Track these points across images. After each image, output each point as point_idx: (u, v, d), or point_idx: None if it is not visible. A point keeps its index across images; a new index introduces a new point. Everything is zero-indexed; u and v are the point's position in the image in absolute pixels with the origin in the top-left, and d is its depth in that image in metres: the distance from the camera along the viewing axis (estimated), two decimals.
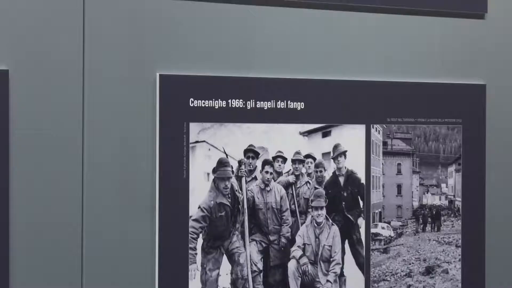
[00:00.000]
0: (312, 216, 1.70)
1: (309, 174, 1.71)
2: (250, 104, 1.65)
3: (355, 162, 1.75)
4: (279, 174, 1.68)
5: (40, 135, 1.57)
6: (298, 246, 1.69)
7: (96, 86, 1.56)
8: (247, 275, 1.65)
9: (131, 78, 1.58)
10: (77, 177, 1.56)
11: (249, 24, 1.68)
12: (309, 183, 1.71)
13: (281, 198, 1.69)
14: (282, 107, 1.68)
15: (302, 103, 1.70)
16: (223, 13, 1.66)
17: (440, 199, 1.85)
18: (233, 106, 1.63)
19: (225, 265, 1.63)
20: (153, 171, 1.59)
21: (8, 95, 1.52)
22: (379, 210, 1.79)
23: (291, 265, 1.69)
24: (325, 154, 1.73)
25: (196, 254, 1.60)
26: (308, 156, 1.70)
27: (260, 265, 1.66)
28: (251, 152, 1.65)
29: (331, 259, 1.72)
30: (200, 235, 1.61)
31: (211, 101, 1.62)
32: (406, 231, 1.81)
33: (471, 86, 1.89)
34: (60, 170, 1.57)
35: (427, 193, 1.84)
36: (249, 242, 1.66)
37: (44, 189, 1.55)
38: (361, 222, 1.76)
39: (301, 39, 1.73)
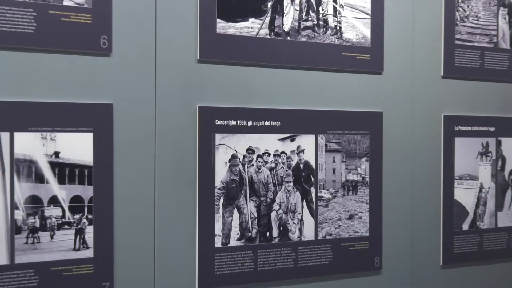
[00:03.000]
0: (284, 186, 1.73)
1: (283, 163, 1.73)
2: (249, 123, 1.69)
3: (309, 156, 1.77)
4: (266, 162, 1.71)
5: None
6: (277, 203, 1.73)
7: (166, 112, 1.57)
8: (248, 220, 1.69)
9: (185, 108, 1.60)
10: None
11: (250, 80, 1.69)
12: (283, 168, 1.74)
13: (267, 176, 1.71)
14: (268, 124, 1.71)
15: (279, 122, 1.72)
16: (237, 71, 1.67)
17: (357, 177, 1.85)
18: (240, 124, 1.67)
19: (235, 214, 1.67)
20: (195, 161, 1.61)
21: (113, 125, 1.51)
22: (323, 183, 1.79)
23: (273, 214, 1.72)
24: (292, 151, 1.75)
25: (219, 207, 1.64)
26: (282, 152, 1.73)
27: (255, 214, 1.70)
28: (250, 150, 1.69)
29: (295, 211, 1.75)
30: (221, 197, 1.65)
31: (228, 121, 1.66)
32: (338, 195, 1.82)
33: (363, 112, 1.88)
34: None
35: (350, 173, 1.84)
36: (249, 201, 1.69)
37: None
38: (312, 189, 1.78)
39: (279, 88, 1.73)
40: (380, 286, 1.90)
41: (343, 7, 1.82)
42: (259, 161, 1.72)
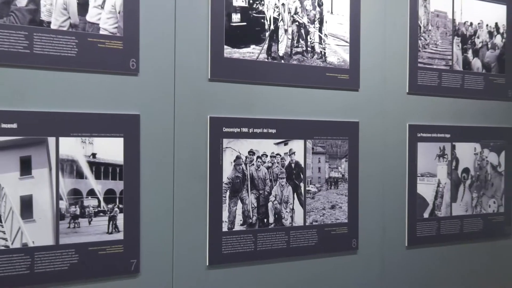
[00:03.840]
0: (279, 182, 1.72)
1: (278, 162, 1.72)
2: (251, 130, 1.68)
3: (299, 157, 1.76)
4: (264, 162, 1.70)
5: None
6: (273, 196, 1.72)
7: (183, 121, 1.57)
8: (249, 209, 1.68)
9: (198, 117, 1.59)
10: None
11: (251, 96, 1.68)
12: (278, 166, 1.72)
13: (265, 173, 1.70)
14: (266, 131, 1.70)
15: (275, 129, 1.71)
16: (240, 88, 1.66)
17: (338, 174, 1.83)
18: (243, 131, 1.66)
19: (239, 204, 1.66)
20: (206, 161, 1.60)
21: (140, 131, 1.51)
22: (310, 179, 1.78)
23: (270, 204, 1.71)
24: (285, 153, 1.73)
25: (225, 198, 1.63)
26: (277, 154, 1.72)
27: (255, 204, 1.69)
28: (251, 152, 1.68)
29: (288, 202, 1.74)
30: (228, 190, 1.64)
31: (233, 128, 1.65)
32: (322, 189, 1.80)
33: (347, 122, 1.86)
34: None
35: (332, 171, 1.82)
36: (250, 193, 1.68)
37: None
38: (302, 184, 1.76)
39: (274, 102, 1.71)
40: (357, 263, 1.90)
41: (327, 36, 1.82)
42: (259, 161, 1.71)
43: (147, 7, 1.52)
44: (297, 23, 1.76)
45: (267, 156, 1.73)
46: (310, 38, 1.79)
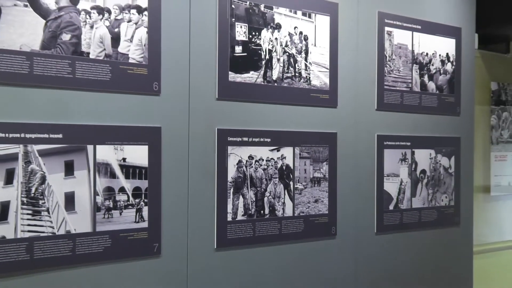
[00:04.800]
0: (273, 181, 1.72)
1: (272, 165, 1.71)
2: (250, 139, 1.67)
3: (289, 161, 1.74)
4: (261, 165, 1.69)
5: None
6: (268, 192, 1.70)
7: (196, 131, 1.56)
8: (249, 202, 1.67)
9: (208, 129, 1.58)
10: (185, 173, 1.54)
11: (250, 112, 1.66)
12: (272, 168, 1.71)
13: (262, 174, 1.69)
14: (262, 140, 1.69)
15: (270, 139, 1.70)
16: (242, 106, 1.65)
17: (320, 174, 1.82)
18: (244, 140, 1.65)
19: (241, 199, 1.65)
20: (215, 164, 1.59)
21: (161, 140, 1.50)
22: (298, 178, 1.77)
23: (265, 199, 1.70)
24: (278, 158, 1.72)
25: (230, 194, 1.62)
26: (271, 158, 1.71)
27: (254, 199, 1.67)
28: (250, 157, 1.66)
29: (280, 197, 1.73)
30: (231, 187, 1.63)
31: (236, 138, 1.64)
32: (308, 186, 1.79)
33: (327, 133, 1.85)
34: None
35: (315, 172, 1.80)
36: (250, 190, 1.67)
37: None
38: (291, 183, 1.75)
39: (269, 116, 1.70)
40: (335, 246, 1.89)
41: (311, 64, 1.82)
42: (256, 164, 1.70)
43: (167, 41, 1.52)
44: (287, 53, 1.77)
45: (263, 160, 1.72)
46: (298, 66, 1.79)
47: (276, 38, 1.74)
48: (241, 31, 1.64)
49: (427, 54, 2.13)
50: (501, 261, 2.79)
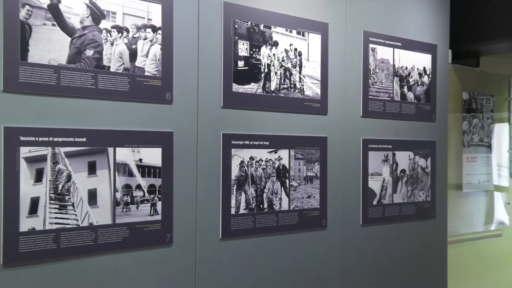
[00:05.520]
0: (271, 179, 1.70)
1: (270, 165, 1.70)
2: (251, 142, 1.65)
3: (285, 161, 1.73)
4: (260, 165, 1.67)
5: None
6: (267, 189, 1.69)
7: (203, 136, 1.54)
8: (250, 198, 1.65)
9: (214, 134, 1.57)
10: (194, 172, 1.53)
11: (251, 118, 1.65)
12: (270, 168, 1.70)
13: (261, 173, 1.68)
14: (262, 143, 1.68)
15: (268, 142, 1.69)
16: (244, 113, 1.63)
17: (312, 173, 1.80)
18: (245, 143, 1.64)
19: (243, 195, 1.63)
20: (220, 164, 1.58)
21: (173, 143, 1.48)
22: (293, 177, 1.76)
23: (264, 195, 1.68)
24: (275, 159, 1.71)
25: (233, 190, 1.61)
26: (270, 159, 1.69)
27: (254, 195, 1.66)
28: (251, 158, 1.65)
29: (277, 193, 1.71)
30: (235, 185, 1.61)
31: (239, 141, 1.62)
32: (301, 184, 1.78)
33: (318, 137, 1.85)
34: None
35: (308, 171, 1.79)
36: (251, 187, 1.65)
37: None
38: (287, 181, 1.74)
39: (268, 122, 1.68)
40: (326, 237, 1.87)
41: (304, 77, 1.81)
42: (256, 164, 1.69)
43: (178, 56, 1.51)
44: (283, 67, 1.76)
45: (262, 160, 1.71)
46: (293, 78, 1.78)
47: (273, 54, 1.73)
48: (243, 48, 1.64)
49: (406, 67, 2.12)
50: (472, 250, 2.79)
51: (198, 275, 1.55)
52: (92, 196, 1.35)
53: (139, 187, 1.44)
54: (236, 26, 1.62)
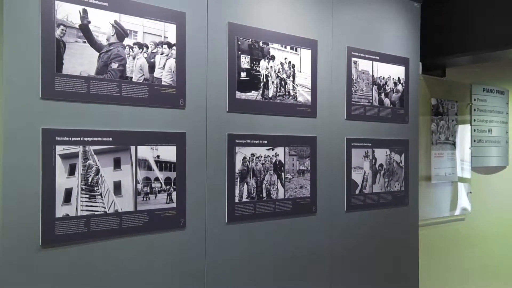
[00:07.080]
0: (269, 172, 1.69)
1: (268, 161, 1.69)
2: (252, 141, 1.64)
3: (281, 157, 1.71)
4: (260, 160, 1.67)
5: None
6: (265, 181, 1.68)
7: (212, 136, 1.53)
8: (251, 189, 1.64)
9: (221, 134, 1.56)
10: (203, 167, 1.51)
11: (252, 121, 1.64)
12: (268, 163, 1.69)
13: (261, 167, 1.66)
14: (261, 142, 1.66)
15: (267, 141, 1.68)
16: (246, 117, 1.61)
17: (304, 168, 1.79)
18: (247, 142, 1.63)
19: (245, 186, 1.62)
20: (225, 160, 1.57)
21: (185, 142, 1.46)
22: (287, 170, 1.74)
23: (263, 186, 1.67)
24: (273, 155, 1.70)
25: (237, 182, 1.60)
26: (268, 156, 1.69)
27: (255, 186, 1.65)
28: (252, 154, 1.64)
29: (274, 184, 1.70)
30: (238, 177, 1.60)
31: (242, 140, 1.61)
32: (295, 176, 1.77)
33: (310, 137, 1.83)
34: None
35: (300, 166, 1.78)
36: (252, 179, 1.64)
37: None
38: (283, 174, 1.73)
39: (267, 124, 1.67)
40: (315, 221, 1.86)
41: (297, 85, 1.80)
42: (257, 160, 1.68)
43: (190, 68, 1.50)
44: (279, 78, 1.75)
45: (261, 157, 1.70)
46: (287, 87, 1.77)
47: (271, 66, 1.72)
48: (245, 61, 1.64)
49: (383, 77, 2.11)
50: (440, 232, 2.81)
51: (207, 253, 1.54)
52: (117, 187, 1.33)
53: (157, 179, 1.42)
54: (239, 42, 1.62)
